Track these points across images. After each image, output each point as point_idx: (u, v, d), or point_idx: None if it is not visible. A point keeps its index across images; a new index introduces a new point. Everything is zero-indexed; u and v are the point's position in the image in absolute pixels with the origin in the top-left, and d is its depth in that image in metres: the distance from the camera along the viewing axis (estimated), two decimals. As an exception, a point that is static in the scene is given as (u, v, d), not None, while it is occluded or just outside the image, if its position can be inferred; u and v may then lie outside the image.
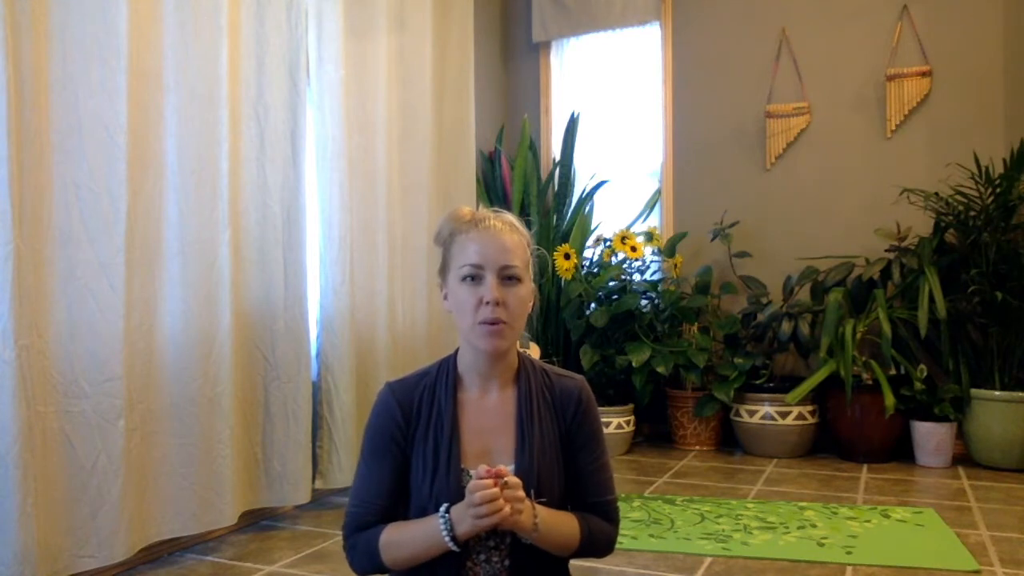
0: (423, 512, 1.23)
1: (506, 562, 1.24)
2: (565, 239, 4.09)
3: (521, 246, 1.24)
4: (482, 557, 1.24)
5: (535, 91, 4.47)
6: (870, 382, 3.37)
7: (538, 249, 1.34)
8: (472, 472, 1.23)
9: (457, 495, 1.20)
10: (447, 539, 1.15)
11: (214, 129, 2.31)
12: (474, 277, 1.20)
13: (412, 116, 3.29)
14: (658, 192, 4.16)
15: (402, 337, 3.17)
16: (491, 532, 1.22)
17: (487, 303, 1.18)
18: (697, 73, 4.09)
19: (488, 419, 1.27)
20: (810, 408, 3.55)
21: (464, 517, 1.14)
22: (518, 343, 1.33)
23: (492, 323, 1.18)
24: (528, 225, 1.34)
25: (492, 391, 1.28)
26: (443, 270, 1.27)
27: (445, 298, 1.26)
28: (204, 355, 2.27)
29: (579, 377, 1.33)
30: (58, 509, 1.86)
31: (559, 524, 1.23)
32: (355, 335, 2.86)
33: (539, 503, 1.20)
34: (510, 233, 1.24)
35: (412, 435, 1.26)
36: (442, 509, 1.18)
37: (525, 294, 1.23)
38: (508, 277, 1.21)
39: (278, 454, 2.54)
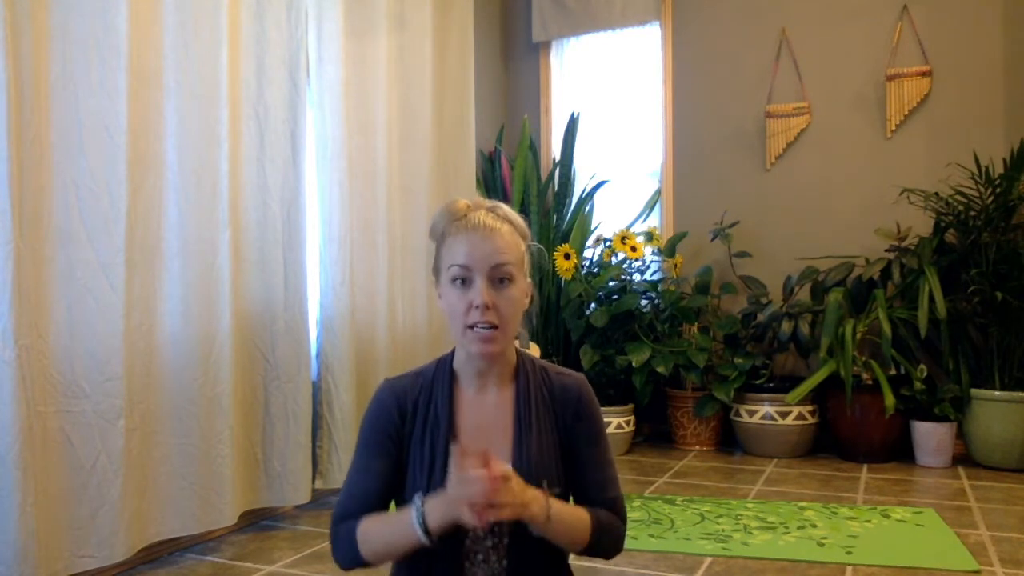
0: None
1: (504, 562, 1.22)
2: (565, 239, 4.09)
3: (514, 242, 1.20)
4: (480, 558, 1.22)
5: (535, 91, 4.47)
6: (870, 382, 3.36)
7: (535, 244, 1.31)
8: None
9: None
10: (419, 530, 1.11)
11: (214, 129, 2.31)
12: (464, 280, 1.18)
13: (412, 116, 3.29)
14: (658, 192, 4.16)
15: (402, 337, 3.17)
16: (489, 531, 1.20)
17: (476, 307, 1.15)
18: (697, 73, 4.09)
19: (485, 418, 1.25)
20: (810, 408, 3.55)
21: (438, 507, 1.10)
22: (517, 342, 1.32)
23: (483, 328, 1.16)
24: (528, 224, 1.31)
25: (489, 390, 1.27)
26: (436, 269, 1.25)
27: (440, 297, 1.24)
28: (204, 355, 2.27)
29: (579, 375, 1.31)
30: (58, 509, 1.86)
31: (570, 515, 1.20)
32: (355, 335, 2.86)
33: (552, 493, 1.17)
34: (501, 230, 1.19)
35: (408, 434, 1.24)
36: (416, 498, 1.13)
37: (517, 294, 1.19)
38: (499, 279, 1.17)
39: (278, 454, 2.54)
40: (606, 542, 1.24)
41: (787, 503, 2.73)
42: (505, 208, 1.24)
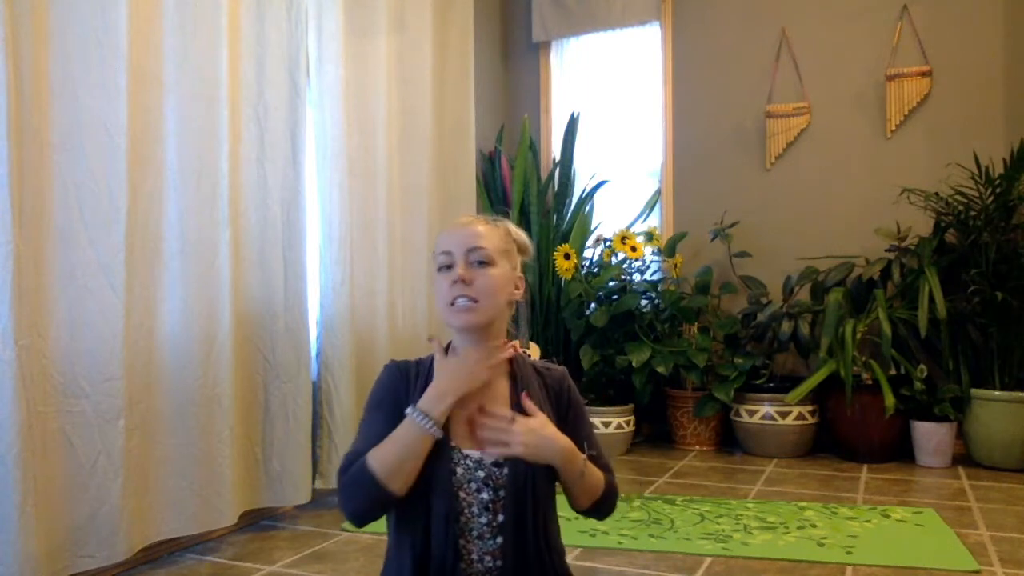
0: (413, 494, 1.23)
1: (498, 539, 1.25)
2: (565, 239, 4.09)
3: (495, 235, 1.32)
4: (475, 534, 1.25)
5: (535, 91, 4.47)
6: (870, 382, 3.36)
7: (531, 255, 1.43)
8: (464, 451, 1.26)
9: (447, 475, 1.24)
10: (424, 423, 1.21)
11: (214, 129, 2.31)
12: (448, 266, 1.29)
13: (412, 116, 3.29)
14: (658, 192, 4.16)
15: (402, 337, 3.17)
16: (484, 509, 1.25)
17: (454, 282, 1.27)
18: (697, 73, 4.09)
19: (480, 400, 1.29)
20: (810, 408, 3.55)
21: (434, 400, 1.23)
22: (518, 343, 1.36)
23: (462, 301, 1.26)
24: (528, 230, 1.39)
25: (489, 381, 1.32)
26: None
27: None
28: (204, 355, 2.26)
29: (561, 367, 1.44)
30: (58, 509, 1.86)
31: (594, 475, 1.33)
32: (355, 335, 2.86)
33: (588, 456, 1.31)
34: (484, 224, 1.32)
35: (411, 399, 1.29)
36: (408, 410, 1.23)
37: (497, 275, 1.29)
38: (478, 261, 1.28)
39: (278, 454, 2.54)
40: (608, 504, 1.39)
41: (787, 503, 2.73)
42: (506, 221, 1.38)
